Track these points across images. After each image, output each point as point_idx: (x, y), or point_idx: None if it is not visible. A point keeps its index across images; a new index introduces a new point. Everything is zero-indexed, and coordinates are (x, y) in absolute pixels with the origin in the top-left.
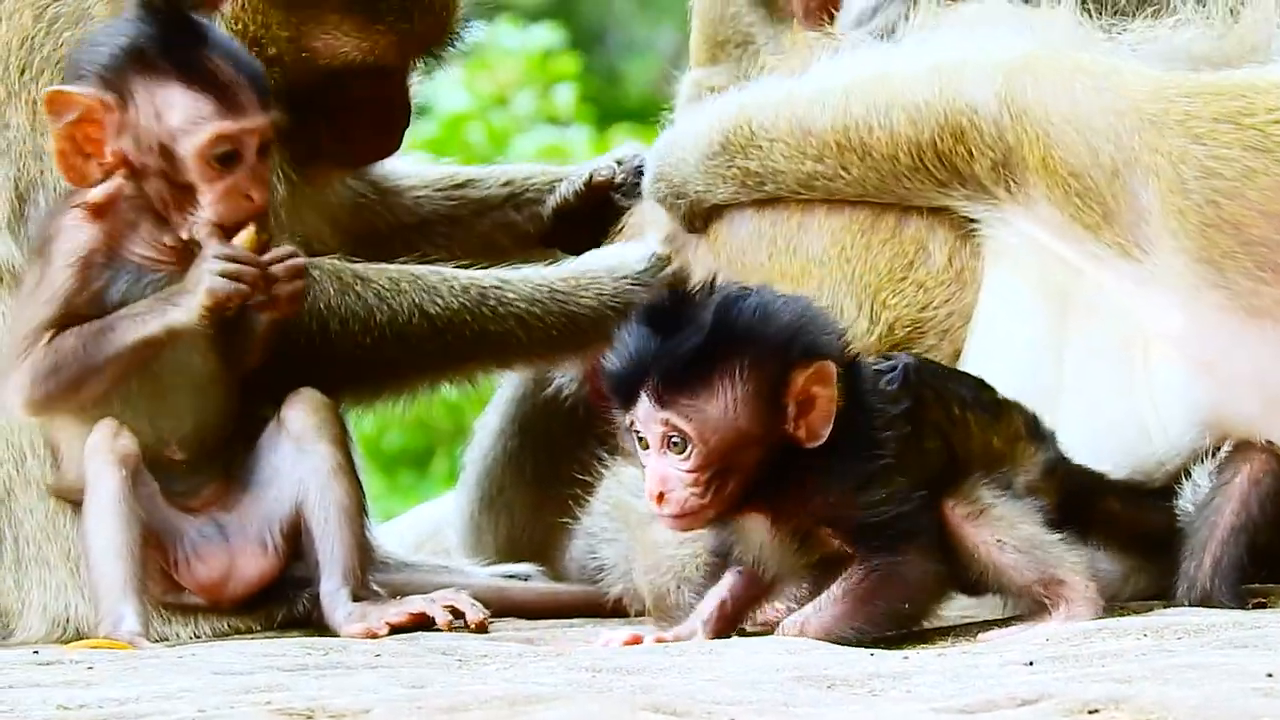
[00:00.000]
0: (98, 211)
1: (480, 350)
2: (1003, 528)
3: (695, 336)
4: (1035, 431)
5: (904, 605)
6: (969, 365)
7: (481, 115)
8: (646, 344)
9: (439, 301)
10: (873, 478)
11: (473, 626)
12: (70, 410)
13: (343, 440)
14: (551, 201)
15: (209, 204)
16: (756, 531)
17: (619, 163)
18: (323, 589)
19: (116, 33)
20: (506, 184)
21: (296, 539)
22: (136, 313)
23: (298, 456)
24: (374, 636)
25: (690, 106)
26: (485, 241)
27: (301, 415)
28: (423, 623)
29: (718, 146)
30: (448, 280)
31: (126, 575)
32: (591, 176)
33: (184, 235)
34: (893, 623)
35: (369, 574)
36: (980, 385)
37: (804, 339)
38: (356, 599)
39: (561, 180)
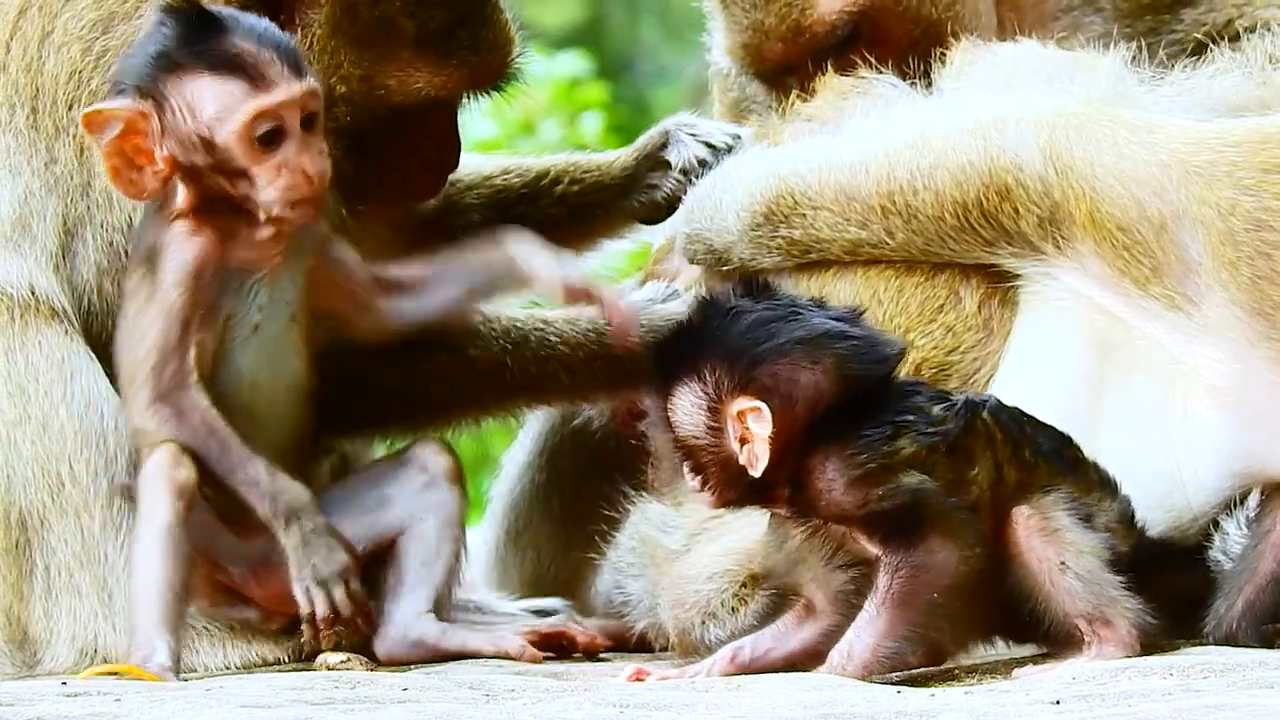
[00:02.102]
0: (200, 219)
1: (521, 391)
2: (1070, 552)
3: (673, 336)
4: (1112, 487)
5: (934, 595)
6: None
7: (508, 143)
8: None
9: (479, 344)
10: (869, 475)
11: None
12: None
13: (465, 489)
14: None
15: (264, 186)
16: (793, 534)
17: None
18: (407, 611)
19: (146, 43)
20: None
21: (365, 566)
22: (255, 475)
23: (423, 492)
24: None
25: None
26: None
27: (436, 457)
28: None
29: (761, 218)
30: (489, 322)
31: (166, 610)
32: None
33: (263, 217)
34: (935, 622)
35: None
36: (1065, 442)
37: (751, 371)
38: None
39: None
